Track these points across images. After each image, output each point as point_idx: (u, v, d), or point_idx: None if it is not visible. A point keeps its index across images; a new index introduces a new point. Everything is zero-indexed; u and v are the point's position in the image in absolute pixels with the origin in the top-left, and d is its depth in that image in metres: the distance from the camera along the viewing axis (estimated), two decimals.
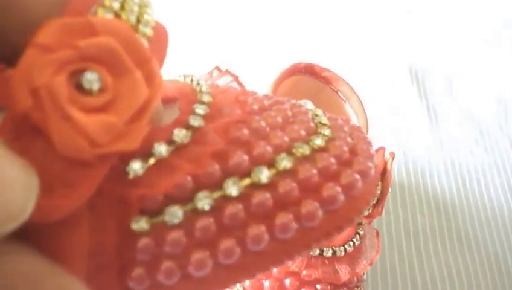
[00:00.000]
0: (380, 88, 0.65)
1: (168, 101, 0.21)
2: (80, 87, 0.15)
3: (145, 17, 0.18)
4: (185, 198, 0.18)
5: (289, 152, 0.19)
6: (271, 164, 0.19)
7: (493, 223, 0.54)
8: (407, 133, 0.61)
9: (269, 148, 0.19)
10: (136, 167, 0.17)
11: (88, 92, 0.15)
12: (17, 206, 0.12)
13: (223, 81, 0.23)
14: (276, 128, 0.20)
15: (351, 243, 0.41)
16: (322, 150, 0.20)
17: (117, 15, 0.17)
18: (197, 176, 0.18)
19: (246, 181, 0.18)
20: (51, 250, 0.15)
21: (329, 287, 0.40)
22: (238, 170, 0.18)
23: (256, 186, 0.18)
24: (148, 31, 0.18)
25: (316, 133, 0.21)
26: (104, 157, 0.15)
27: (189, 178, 0.18)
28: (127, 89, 0.15)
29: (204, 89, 0.21)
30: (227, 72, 0.23)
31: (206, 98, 0.21)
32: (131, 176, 0.17)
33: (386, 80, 0.67)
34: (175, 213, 0.17)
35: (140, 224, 0.17)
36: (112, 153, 0.15)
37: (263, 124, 0.20)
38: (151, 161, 0.18)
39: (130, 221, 0.17)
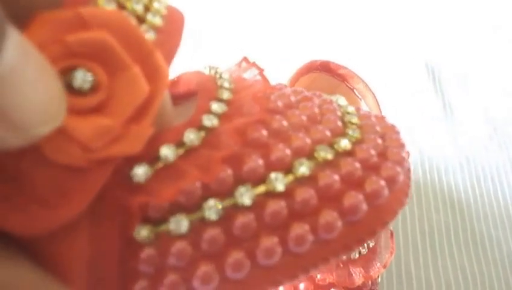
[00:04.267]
0: (397, 85, 0.65)
1: (190, 95, 0.20)
2: (71, 87, 0.13)
3: (155, 5, 0.17)
4: (193, 206, 0.17)
5: (310, 156, 0.18)
6: (288, 170, 0.18)
7: (507, 222, 0.53)
8: (423, 131, 0.60)
9: (288, 152, 0.18)
10: (140, 172, 0.16)
11: (80, 92, 0.14)
12: (52, 110, 0.12)
13: (249, 75, 0.21)
14: (299, 129, 0.19)
15: (365, 245, 0.40)
16: (347, 153, 0.19)
17: (120, 3, 0.15)
18: (207, 182, 0.17)
19: (261, 189, 0.17)
20: (49, 260, 0.15)
21: None
22: (252, 176, 0.17)
23: (271, 194, 0.17)
24: (157, 21, 0.16)
25: (342, 134, 0.19)
26: (101, 162, 0.14)
27: (198, 185, 0.16)
28: (123, 87, 0.14)
29: (226, 84, 0.20)
30: (254, 64, 0.22)
31: (225, 95, 0.19)
32: (135, 181, 0.16)
33: (402, 77, 0.66)
34: (180, 222, 0.16)
35: (143, 233, 0.16)
36: (109, 157, 0.14)
37: (285, 123, 0.19)
38: (159, 165, 0.16)
39: (132, 230, 0.16)
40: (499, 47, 0.72)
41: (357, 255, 0.39)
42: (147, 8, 0.16)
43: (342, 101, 0.22)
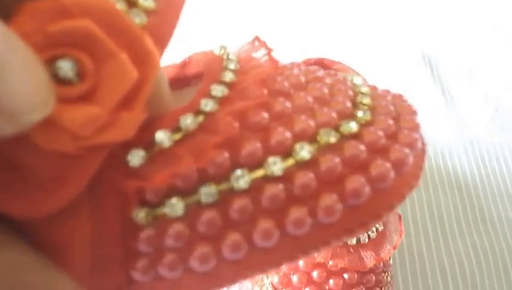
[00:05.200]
0: (394, 75, 0.66)
1: (201, 76, 0.20)
2: (57, 77, 0.14)
3: None
4: (189, 190, 0.17)
5: (312, 140, 0.18)
6: (288, 153, 0.17)
7: None
8: (425, 118, 0.60)
9: (289, 135, 0.17)
10: (136, 156, 0.16)
11: (66, 81, 0.14)
12: (39, 98, 0.12)
13: (259, 54, 0.21)
14: (304, 111, 0.18)
15: (375, 229, 0.41)
16: (353, 136, 0.18)
17: None
18: (202, 167, 0.17)
19: (258, 173, 0.17)
20: (50, 243, 0.15)
21: (356, 275, 0.40)
22: (250, 160, 0.17)
23: (268, 178, 0.17)
24: (149, 4, 0.16)
25: (350, 116, 0.19)
26: (92, 149, 0.14)
27: (193, 169, 0.16)
28: (110, 74, 0.14)
29: (231, 66, 0.19)
30: (264, 44, 0.21)
31: (228, 77, 0.19)
32: (131, 165, 0.16)
33: (400, 67, 0.67)
34: (176, 206, 0.16)
35: (141, 215, 0.16)
36: (100, 144, 0.14)
37: (288, 105, 0.18)
38: (154, 150, 0.17)
39: (130, 212, 0.16)
40: (494, 32, 0.73)
41: (367, 240, 0.40)
42: None
43: (357, 80, 0.21)
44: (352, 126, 0.18)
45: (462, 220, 0.52)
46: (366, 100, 0.20)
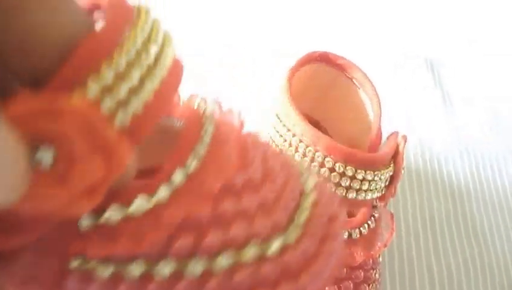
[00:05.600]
0: (396, 77, 0.66)
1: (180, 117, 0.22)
2: (33, 157, 0.15)
3: (147, 85, 0.18)
4: (122, 261, 0.19)
5: (238, 250, 0.19)
6: (213, 257, 0.19)
7: (506, 209, 0.54)
8: (424, 122, 0.61)
9: (219, 240, 0.19)
10: (85, 223, 0.18)
11: (40, 163, 0.15)
12: (19, 181, 0.14)
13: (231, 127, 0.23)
14: (243, 217, 0.20)
15: (366, 225, 0.41)
16: (274, 256, 0.20)
17: (107, 86, 0.17)
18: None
19: (181, 266, 0.19)
20: None
21: (345, 270, 0.41)
22: (179, 253, 0.19)
23: (187, 275, 0.19)
24: (136, 106, 0.17)
25: (282, 231, 0.21)
26: (48, 217, 0.16)
27: (132, 250, 0.18)
28: (79, 170, 0.16)
29: (205, 139, 0.20)
30: (241, 120, 0.23)
31: (195, 161, 0.19)
32: (79, 226, 0.18)
33: (401, 69, 0.67)
34: (106, 269, 0.18)
35: (75, 265, 0.18)
36: (56, 217, 0.16)
37: (232, 208, 0.20)
38: (102, 220, 0.18)
39: (67, 262, 0.18)
40: (496, 36, 0.73)
41: (358, 236, 0.40)
42: (133, 92, 0.17)
43: (310, 182, 0.23)
44: (277, 245, 0.20)
45: (453, 227, 0.52)
46: (305, 213, 0.21)
